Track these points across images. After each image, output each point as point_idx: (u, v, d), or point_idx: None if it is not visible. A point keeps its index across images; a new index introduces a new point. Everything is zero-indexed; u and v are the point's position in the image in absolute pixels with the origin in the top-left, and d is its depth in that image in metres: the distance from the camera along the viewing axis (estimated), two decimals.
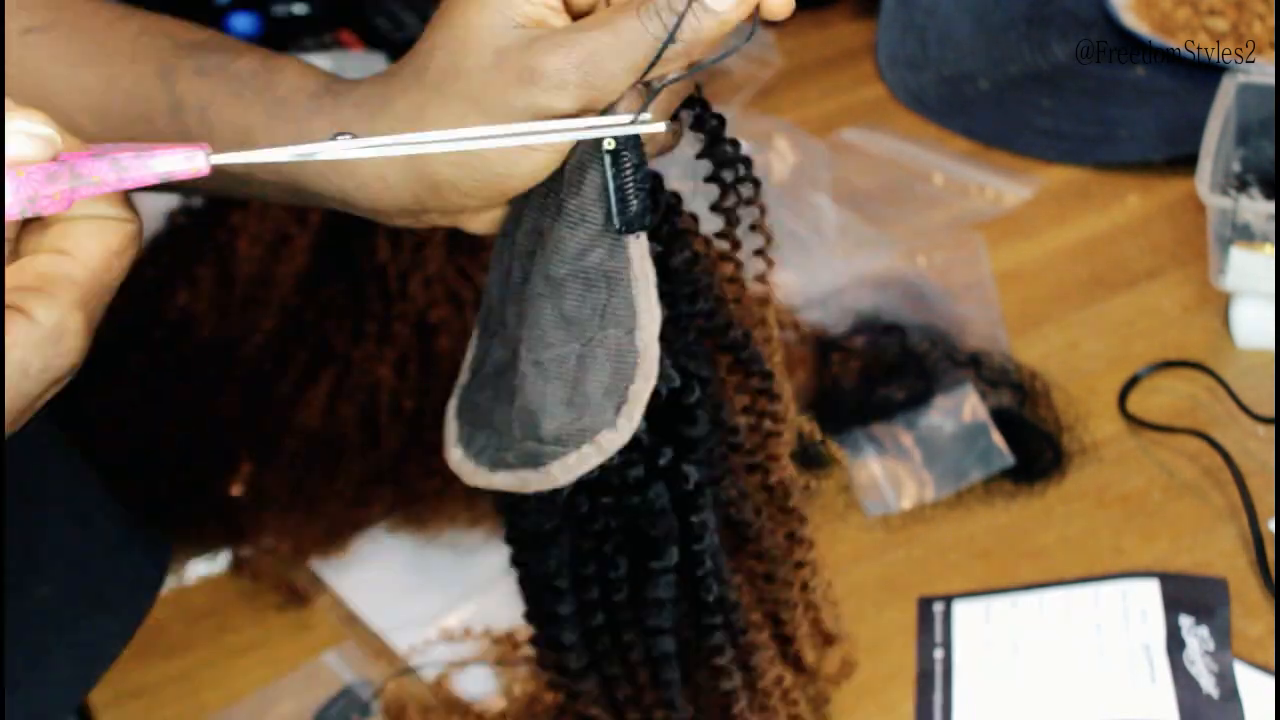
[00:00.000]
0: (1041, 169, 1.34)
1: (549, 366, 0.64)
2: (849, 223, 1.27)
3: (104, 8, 0.72)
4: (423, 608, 0.96)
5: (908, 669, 0.91)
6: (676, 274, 0.66)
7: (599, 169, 0.61)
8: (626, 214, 0.61)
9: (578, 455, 0.64)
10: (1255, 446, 1.03)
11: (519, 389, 0.65)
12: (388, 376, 1.01)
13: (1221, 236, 1.09)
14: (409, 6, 1.56)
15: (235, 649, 0.96)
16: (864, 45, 1.53)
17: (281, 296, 1.03)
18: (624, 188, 0.61)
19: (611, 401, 0.63)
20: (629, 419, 0.63)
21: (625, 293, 0.62)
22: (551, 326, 0.63)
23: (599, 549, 0.69)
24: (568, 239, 0.62)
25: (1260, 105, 1.15)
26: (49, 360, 0.53)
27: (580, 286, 0.62)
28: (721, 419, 0.70)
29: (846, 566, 0.97)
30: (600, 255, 0.62)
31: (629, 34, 0.59)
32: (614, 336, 0.63)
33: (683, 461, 0.67)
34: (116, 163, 0.50)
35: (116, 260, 0.54)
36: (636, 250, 0.62)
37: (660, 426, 0.66)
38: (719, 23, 0.59)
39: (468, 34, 0.61)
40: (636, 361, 0.63)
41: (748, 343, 0.70)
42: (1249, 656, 0.89)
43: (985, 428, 1.04)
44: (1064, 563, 0.96)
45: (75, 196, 0.50)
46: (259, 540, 1.00)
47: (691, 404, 0.67)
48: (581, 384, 0.63)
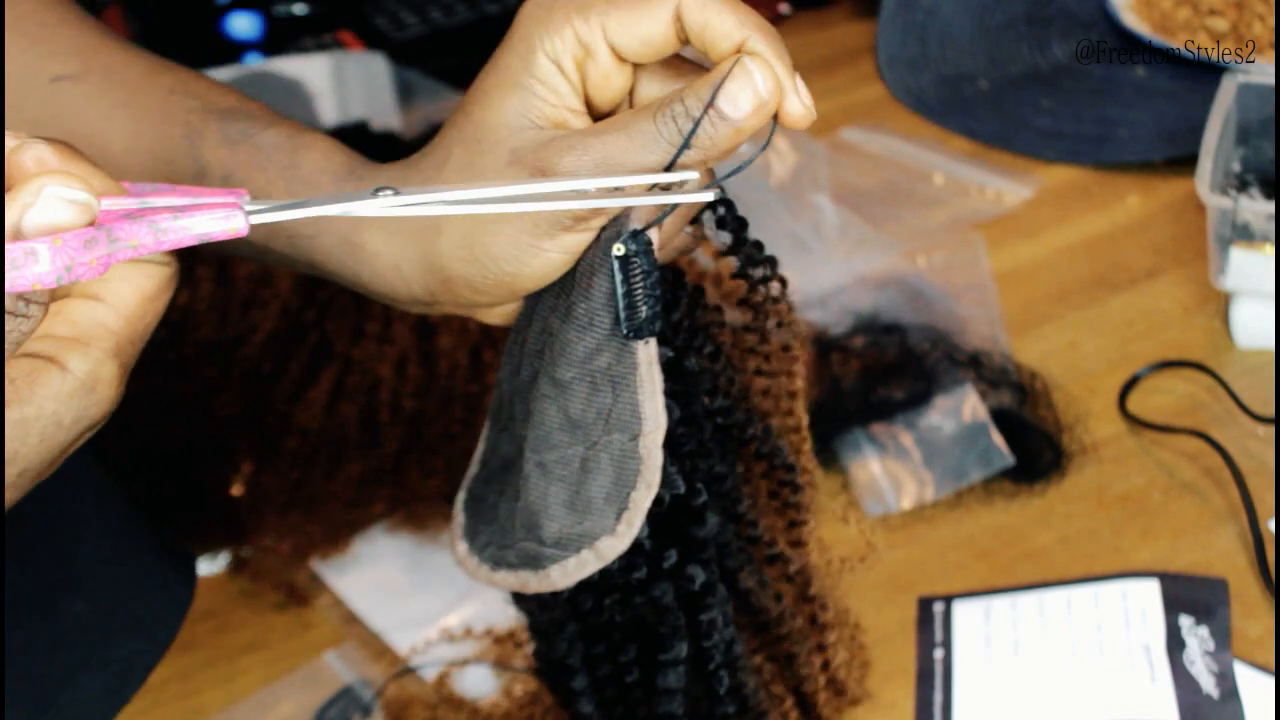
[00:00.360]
0: (1041, 169, 1.34)
1: (552, 468, 0.63)
2: (849, 223, 1.27)
3: (137, 58, 0.71)
4: (423, 608, 0.96)
5: (908, 669, 0.91)
6: (693, 371, 0.66)
7: (608, 274, 0.60)
8: (635, 320, 0.60)
9: (577, 560, 0.64)
10: (1255, 446, 1.03)
11: (523, 488, 0.65)
12: (388, 376, 1.01)
13: (1221, 236, 1.09)
14: (409, 6, 1.56)
15: (235, 649, 0.96)
16: (864, 45, 1.53)
17: (281, 296, 1.03)
18: (633, 293, 0.60)
19: (613, 507, 0.63)
20: (629, 526, 0.63)
21: (631, 398, 0.62)
22: (556, 428, 0.63)
23: (608, 636, 0.69)
24: (575, 342, 0.62)
25: (1260, 105, 1.15)
26: (81, 411, 0.52)
27: (586, 390, 0.62)
28: (739, 513, 0.70)
29: (846, 567, 0.97)
30: (607, 359, 0.62)
31: (643, 139, 0.58)
32: (618, 441, 0.62)
33: (689, 563, 0.67)
34: (154, 225, 0.49)
35: (151, 305, 0.54)
36: (644, 355, 0.61)
37: (666, 526, 0.66)
38: (734, 130, 0.58)
39: (485, 132, 0.61)
40: (639, 469, 0.62)
41: (768, 437, 0.69)
42: (1249, 656, 0.89)
43: (985, 428, 1.04)
44: (1064, 563, 0.96)
45: (112, 261, 0.48)
46: (259, 540, 1.00)
47: (699, 506, 0.66)
48: (584, 488, 0.63)
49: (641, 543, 0.65)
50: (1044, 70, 1.46)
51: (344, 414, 1.01)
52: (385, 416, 1.01)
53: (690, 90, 0.58)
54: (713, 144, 0.58)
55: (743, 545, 0.70)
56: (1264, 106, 1.15)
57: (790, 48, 0.59)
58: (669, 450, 0.64)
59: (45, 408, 0.51)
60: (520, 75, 0.60)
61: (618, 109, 0.62)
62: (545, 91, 0.60)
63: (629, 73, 0.61)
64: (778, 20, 1.57)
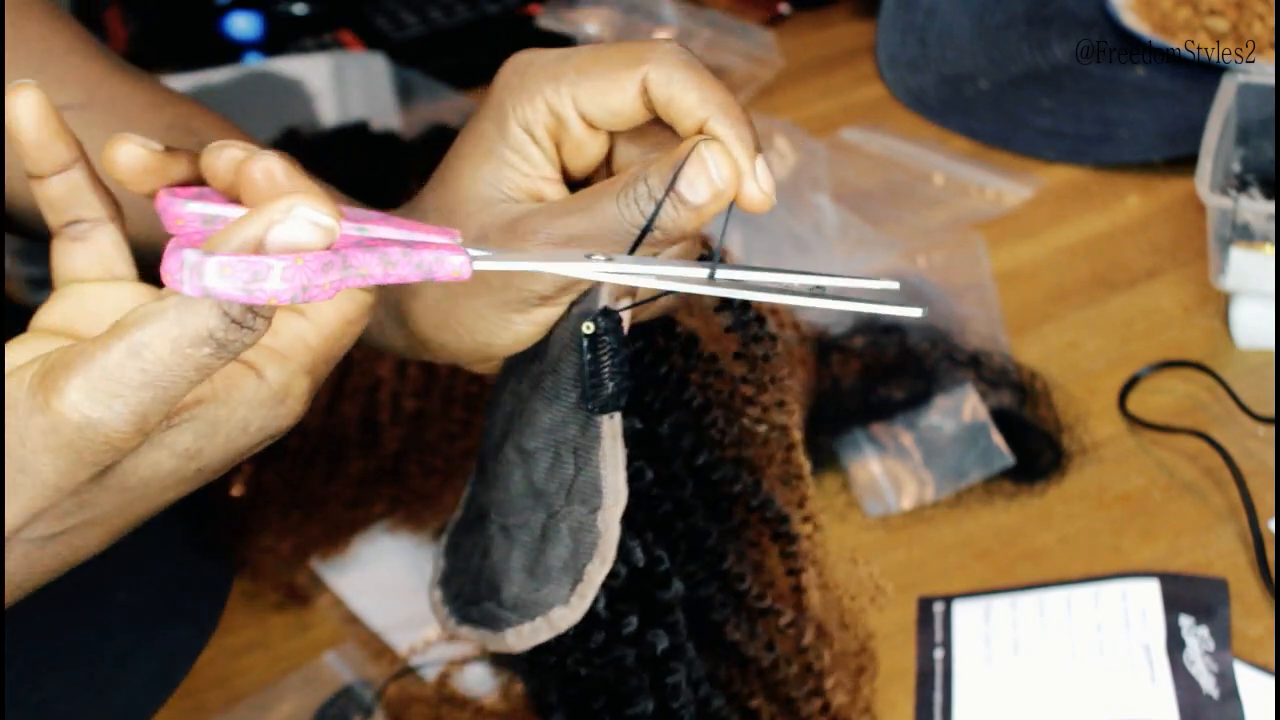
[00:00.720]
0: (1041, 169, 1.34)
1: (515, 533, 0.64)
2: (849, 223, 1.27)
3: (140, 90, 0.72)
4: (423, 608, 0.96)
5: (908, 669, 0.91)
6: (666, 435, 0.66)
7: (576, 350, 0.60)
8: (600, 396, 0.60)
9: (531, 627, 0.64)
10: (1255, 446, 1.03)
11: (489, 547, 0.65)
12: (388, 376, 1.01)
13: (1221, 236, 1.09)
14: (409, 6, 1.56)
15: (235, 649, 0.96)
16: (864, 45, 1.53)
17: None
18: (600, 370, 0.60)
19: (568, 578, 0.63)
20: (582, 598, 0.63)
21: (593, 472, 0.62)
22: (520, 494, 0.63)
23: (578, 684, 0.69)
24: (542, 412, 0.62)
25: (1260, 105, 1.15)
26: (268, 420, 0.54)
27: (550, 460, 0.62)
28: (723, 569, 0.69)
29: (846, 567, 0.97)
30: (572, 432, 0.62)
31: (606, 222, 0.58)
32: (578, 513, 0.62)
33: (650, 628, 0.67)
34: (385, 257, 0.49)
35: (349, 329, 0.55)
36: (608, 429, 0.61)
37: (629, 591, 0.66)
38: (694, 213, 0.57)
39: (457, 203, 0.61)
40: (596, 542, 0.62)
41: (757, 490, 0.69)
42: (1249, 656, 0.89)
43: (985, 428, 1.04)
44: (1064, 563, 0.96)
45: (341, 287, 0.48)
46: (259, 540, 1.00)
47: (662, 573, 0.66)
48: (543, 555, 0.63)
49: (598, 612, 0.65)
50: (1044, 70, 1.46)
51: (344, 414, 1.01)
52: (385, 416, 1.01)
53: (653, 171, 0.57)
54: (675, 226, 0.57)
55: (727, 600, 0.70)
56: (1264, 106, 1.15)
57: (790, 48, 0.59)
58: (642, 512, 0.64)
59: (236, 411, 0.53)
60: (495, 143, 0.60)
61: (595, 175, 0.62)
62: (519, 160, 0.60)
63: (604, 139, 0.61)
64: (778, 20, 1.57)
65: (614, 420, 0.61)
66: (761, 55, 1.50)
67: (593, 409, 0.61)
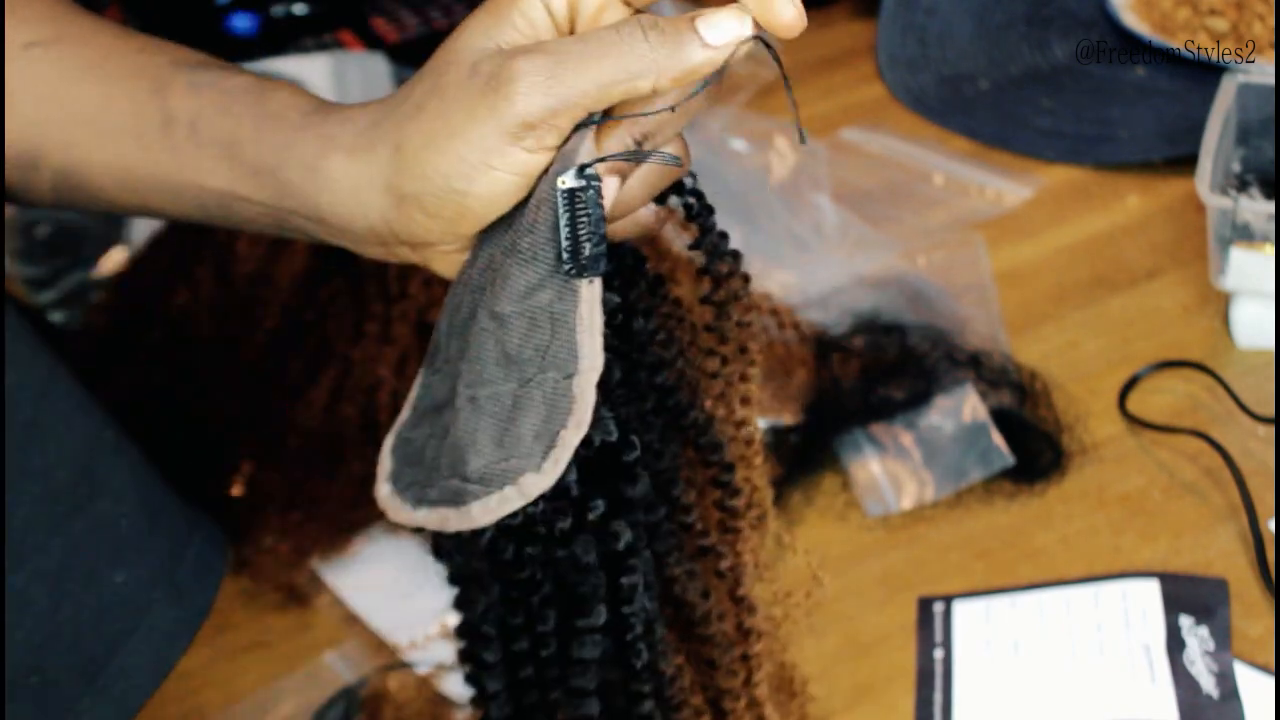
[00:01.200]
0: (1041, 169, 1.34)
1: (484, 404, 0.63)
2: (849, 223, 1.27)
3: (106, 27, 0.73)
4: (423, 608, 0.96)
5: (908, 669, 0.91)
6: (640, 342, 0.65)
7: (553, 207, 0.60)
8: (578, 257, 0.60)
9: (499, 497, 0.62)
10: (1255, 446, 1.03)
11: (452, 423, 0.64)
12: (388, 376, 1.01)
13: (1221, 236, 1.09)
14: (409, 6, 1.56)
15: (235, 649, 0.96)
16: (864, 45, 1.53)
17: (281, 296, 1.03)
18: (577, 229, 0.60)
19: (540, 445, 0.62)
20: (555, 463, 0.61)
21: (569, 336, 0.61)
22: (492, 363, 0.62)
23: (527, 600, 0.67)
24: (518, 276, 0.61)
25: (1260, 105, 1.15)
26: None
27: (525, 325, 0.61)
28: (673, 496, 0.68)
29: (846, 567, 0.97)
30: (549, 296, 0.61)
31: (602, 43, 0.58)
32: (552, 379, 0.61)
33: (614, 518, 0.65)
34: None
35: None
36: (586, 294, 0.61)
37: (595, 480, 0.64)
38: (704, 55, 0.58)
39: (452, 54, 0.62)
40: (571, 407, 0.61)
41: (708, 428, 0.68)
42: (1249, 656, 0.89)
43: (985, 428, 1.04)
44: (1064, 563, 0.96)
45: None
46: (259, 540, 1.00)
47: (630, 462, 0.65)
48: (514, 425, 0.62)
49: (567, 487, 0.63)
50: (1044, 70, 1.46)
51: (344, 414, 1.01)
52: (385, 416, 1.01)
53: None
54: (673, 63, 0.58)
55: (673, 530, 0.69)
56: (1264, 106, 1.15)
57: (790, 48, 0.59)
58: (607, 401, 0.63)
59: None
60: (506, 5, 0.61)
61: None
62: (520, 21, 0.61)
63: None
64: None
65: (593, 285, 0.61)
66: (761, 55, 1.49)
67: (570, 271, 0.60)
